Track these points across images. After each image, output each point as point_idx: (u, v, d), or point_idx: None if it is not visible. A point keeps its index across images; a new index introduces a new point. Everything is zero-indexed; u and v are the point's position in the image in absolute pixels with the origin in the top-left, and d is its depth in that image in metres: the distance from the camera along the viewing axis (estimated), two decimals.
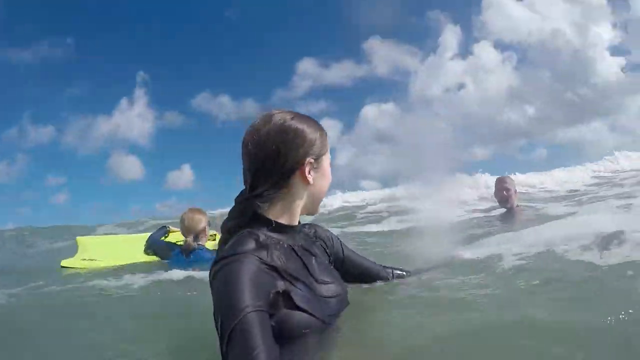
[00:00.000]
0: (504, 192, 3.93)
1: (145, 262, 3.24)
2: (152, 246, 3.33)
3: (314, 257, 1.09)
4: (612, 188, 6.57)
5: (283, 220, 1.05)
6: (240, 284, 0.84)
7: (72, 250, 3.61)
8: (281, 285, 0.91)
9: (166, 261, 3.09)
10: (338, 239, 1.30)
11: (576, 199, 6.00)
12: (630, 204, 3.12)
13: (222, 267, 0.90)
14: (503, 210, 4.07)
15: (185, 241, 2.95)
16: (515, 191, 3.98)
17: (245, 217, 1.03)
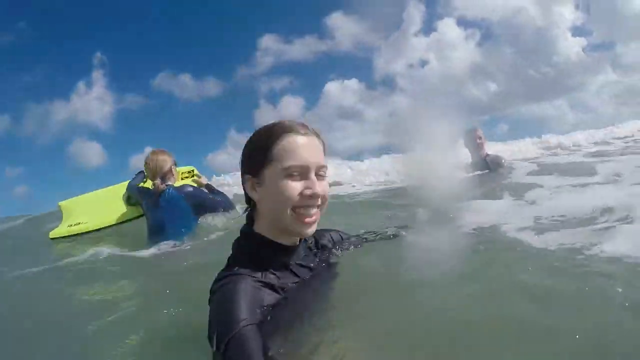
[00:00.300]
0: (477, 140, 4.40)
1: (130, 220, 3.31)
2: (130, 194, 3.28)
3: (310, 272, 1.09)
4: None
5: (271, 236, 1.03)
6: (235, 302, 0.86)
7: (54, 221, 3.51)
8: (273, 301, 0.93)
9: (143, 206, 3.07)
10: (338, 234, 1.36)
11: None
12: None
13: (218, 288, 0.93)
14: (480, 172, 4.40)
15: (154, 184, 2.88)
16: (485, 140, 4.50)
17: (246, 229, 1.08)
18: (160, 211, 2.84)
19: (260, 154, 1.00)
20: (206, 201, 2.94)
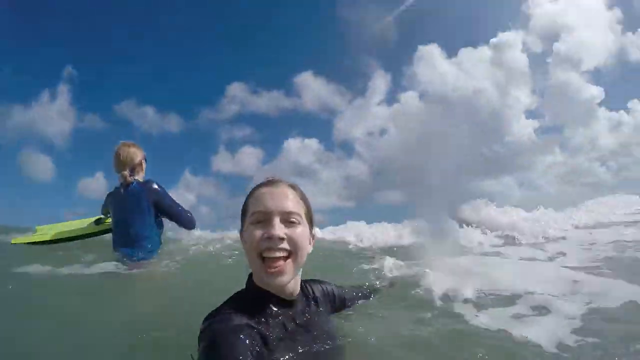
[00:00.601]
0: None
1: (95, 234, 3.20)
2: (103, 208, 3.16)
3: (301, 328, 1.07)
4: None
5: (262, 286, 1.04)
6: (226, 341, 0.87)
7: None
8: (262, 351, 0.92)
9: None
10: (330, 285, 1.39)
11: None
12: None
13: (208, 326, 0.94)
14: None
15: (123, 175, 2.79)
16: None
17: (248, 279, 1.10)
18: (125, 206, 2.73)
19: (242, 210, 1.10)
20: (169, 205, 2.79)
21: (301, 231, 1.04)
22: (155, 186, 2.79)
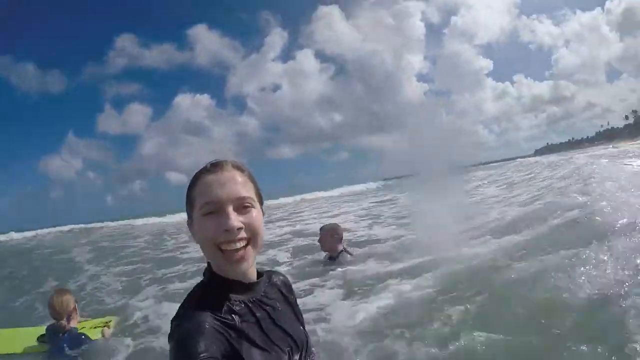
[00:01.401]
0: (335, 236, 4.69)
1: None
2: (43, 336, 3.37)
3: (267, 312, 1.06)
4: None
5: (223, 274, 1.02)
6: (194, 338, 0.86)
7: None
8: (233, 342, 0.92)
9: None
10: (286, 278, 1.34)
11: None
12: None
13: (176, 326, 0.92)
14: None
15: (60, 323, 3.14)
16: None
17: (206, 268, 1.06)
18: (62, 353, 3.08)
19: (188, 200, 1.03)
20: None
21: (256, 215, 1.01)
22: (80, 338, 3.19)
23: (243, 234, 0.97)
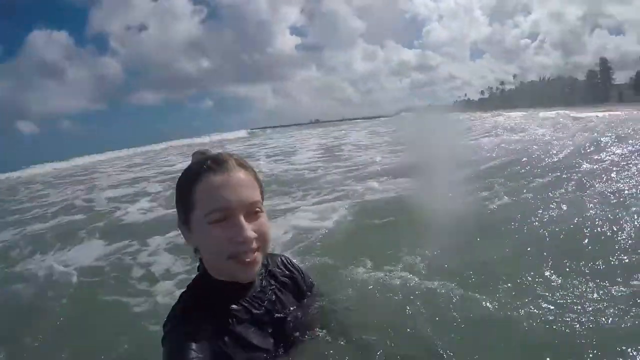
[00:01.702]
0: None
1: None
2: None
3: (265, 307, 1.01)
4: None
5: (222, 278, 0.95)
6: (185, 345, 0.82)
7: None
8: (227, 348, 0.88)
9: None
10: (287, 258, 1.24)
11: None
12: None
13: (167, 333, 0.89)
14: None
15: None
16: None
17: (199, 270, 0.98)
18: None
19: (185, 200, 0.90)
20: None
21: (266, 219, 0.93)
22: None
23: (255, 244, 0.89)
